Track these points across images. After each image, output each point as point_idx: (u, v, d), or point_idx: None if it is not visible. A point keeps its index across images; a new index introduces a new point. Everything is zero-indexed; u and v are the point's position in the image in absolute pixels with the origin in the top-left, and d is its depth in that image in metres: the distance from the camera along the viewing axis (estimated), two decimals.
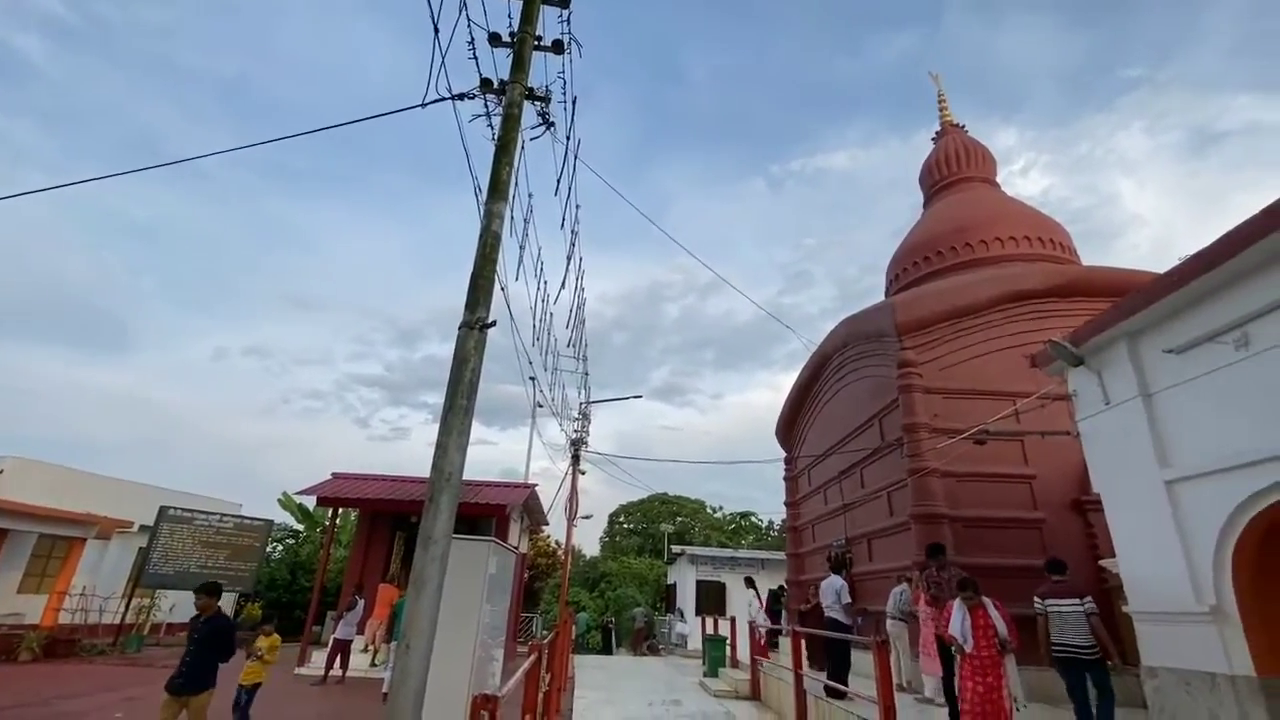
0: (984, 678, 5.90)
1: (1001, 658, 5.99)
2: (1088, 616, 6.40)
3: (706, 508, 48.81)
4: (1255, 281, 5.46)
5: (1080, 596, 6.53)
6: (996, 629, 6.05)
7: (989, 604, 6.21)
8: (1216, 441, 5.77)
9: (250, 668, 7.24)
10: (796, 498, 17.59)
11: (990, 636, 6.03)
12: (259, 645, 7.31)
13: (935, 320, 11.41)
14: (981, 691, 5.85)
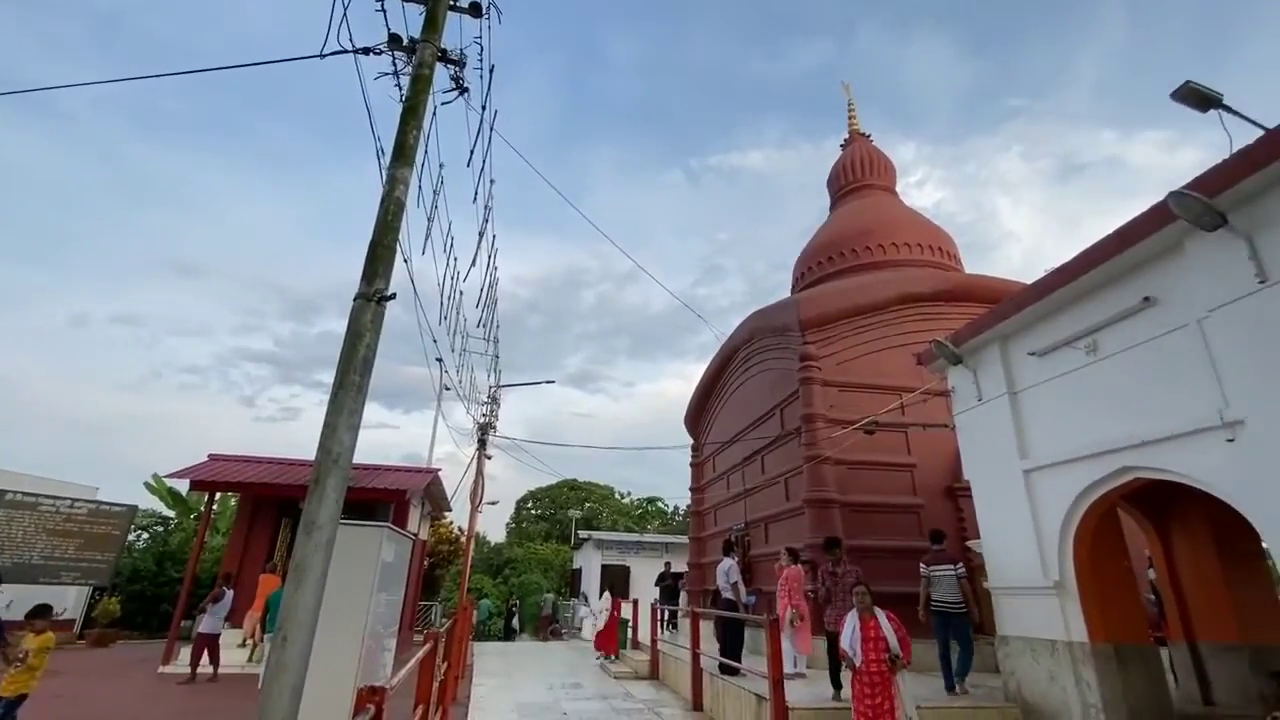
0: (872, 697, 5.38)
1: (892, 674, 5.41)
2: (959, 579, 7.45)
3: (615, 494, 49.30)
4: (1104, 295, 6.16)
5: (954, 563, 7.58)
6: (888, 642, 5.49)
7: (881, 615, 5.65)
8: (1066, 436, 6.48)
9: (12, 676, 5.75)
10: (701, 483, 18.10)
11: (880, 650, 5.48)
12: (24, 646, 5.86)
13: (836, 317, 12.04)
14: (869, 715, 5.35)
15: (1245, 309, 4.82)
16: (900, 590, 10.00)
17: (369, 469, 15.62)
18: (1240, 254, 4.84)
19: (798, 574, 8.68)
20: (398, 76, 4.84)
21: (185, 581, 12.68)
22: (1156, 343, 5.60)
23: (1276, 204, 4.67)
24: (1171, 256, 5.49)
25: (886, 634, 5.52)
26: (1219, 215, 4.84)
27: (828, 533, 10.18)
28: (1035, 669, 6.53)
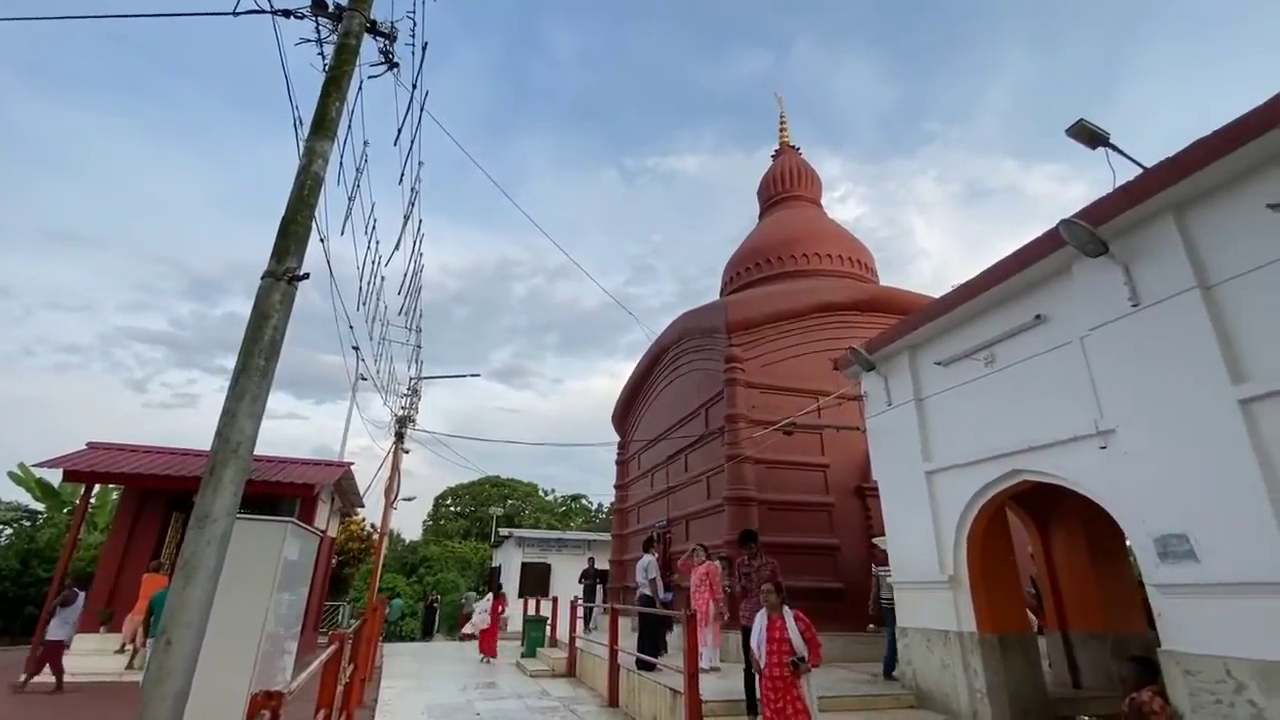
0: (776, 701, 5.05)
1: (796, 678, 5.02)
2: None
3: (539, 491, 48.71)
4: (1002, 312, 6.66)
5: (887, 564, 8.16)
6: (792, 644, 5.08)
7: (789, 615, 5.25)
8: (965, 440, 6.97)
9: None
10: (626, 481, 18.19)
11: (784, 653, 5.07)
12: None
13: (760, 322, 12.41)
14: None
15: (1120, 329, 5.34)
16: (813, 585, 10.47)
17: (274, 461, 14.64)
18: (1118, 279, 5.36)
19: (715, 570, 8.86)
20: (321, 45, 4.56)
21: (54, 582, 11.44)
22: (1045, 357, 6.12)
23: (1149, 236, 5.21)
24: (1060, 279, 6.01)
25: (791, 635, 5.11)
26: (1101, 243, 5.35)
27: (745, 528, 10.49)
28: (930, 658, 6.98)
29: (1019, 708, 6.25)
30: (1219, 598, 4.51)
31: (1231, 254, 4.69)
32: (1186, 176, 4.79)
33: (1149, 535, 4.96)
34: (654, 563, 9.70)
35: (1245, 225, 4.60)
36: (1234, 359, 4.56)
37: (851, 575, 10.69)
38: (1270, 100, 4.30)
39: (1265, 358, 4.40)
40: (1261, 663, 4.20)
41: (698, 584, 8.71)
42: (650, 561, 9.68)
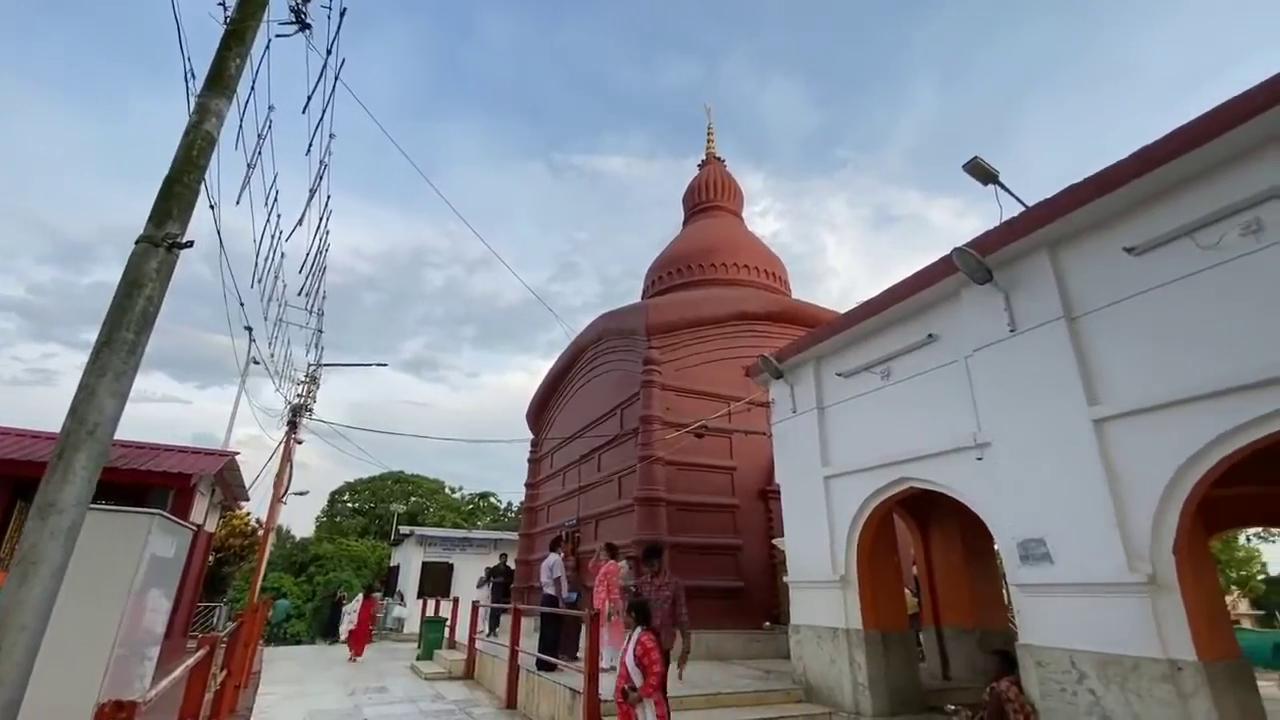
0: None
1: (626, 705, 4.72)
2: None
3: (446, 488, 47.08)
4: (899, 329, 7.13)
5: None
6: (629, 670, 4.73)
7: (633, 638, 4.88)
8: (860, 448, 7.39)
9: None
10: (537, 479, 17.94)
11: (623, 679, 4.80)
12: None
13: (679, 326, 12.64)
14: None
15: (999, 351, 5.86)
16: (716, 584, 10.76)
17: (146, 448, 13.25)
18: (999, 306, 5.88)
19: (615, 569, 8.87)
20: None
21: None
22: (934, 373, 6.60)
23: (1027, 268, 5.74)
24: (951, 302, 6.51)
25: (628, 661, 4.76)
26: (987, 272, 5.84)
27: (655, 529, 10.63)
28: (819, 654, 7.34)
29: (896, 698, 6.70)
30: (1068, 596, 5.03)
31: (1093, 289, 5.26)
32: (1059, 217, 5.33)
33: (1013, 539, 5.46)
34: (559, 562, 9.56)
35: (1106, 265, 5.17)
36: (1090, 383, 5.11)
37: (752, 574, 11.08)
38: (1130, 156, 4.86)
39: (1117, 384, 4.97)
40: (1100, 655, 4.72)
41: (598, 584, 8.69)
42: (555, 561, 9.56)
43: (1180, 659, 4.31)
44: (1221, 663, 4.33)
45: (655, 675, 4.68)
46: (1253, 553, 27.77)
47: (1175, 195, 4.76)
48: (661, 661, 4.90)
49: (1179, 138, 4.56)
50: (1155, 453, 4.61)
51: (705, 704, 6.82)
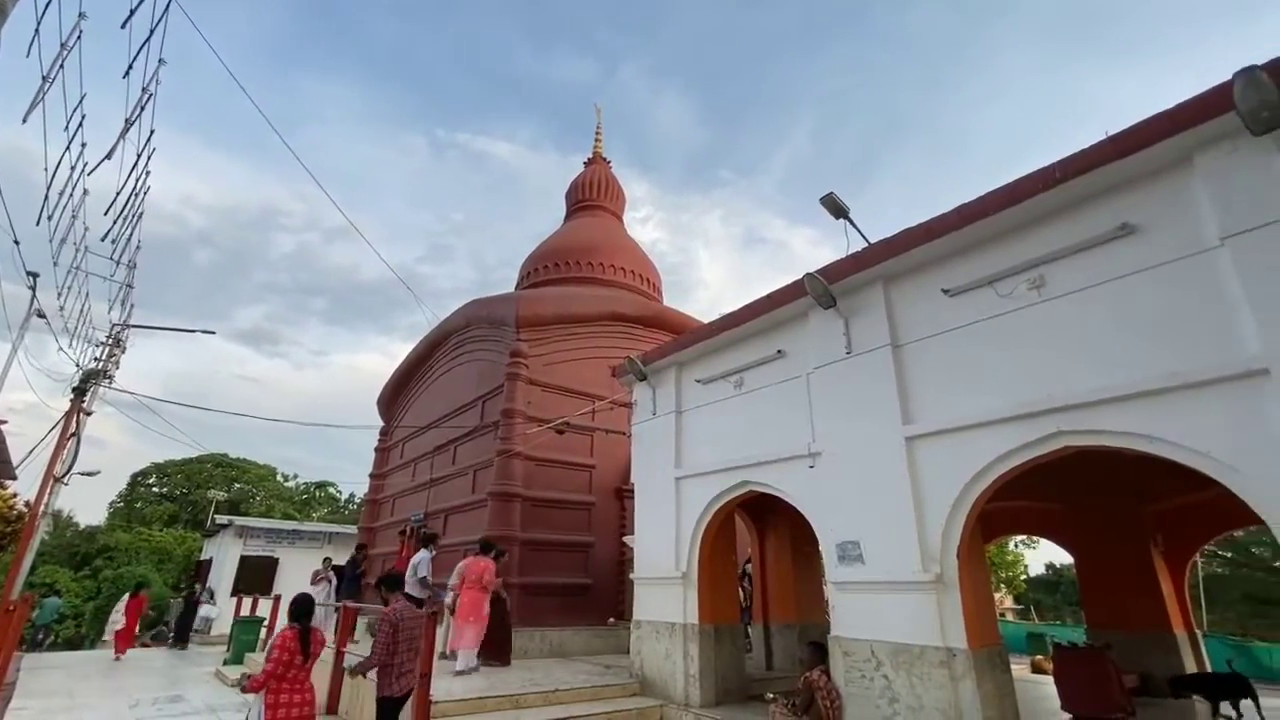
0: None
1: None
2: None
3: (277, 475, 42.68)
4: (753, 343, 7.60)
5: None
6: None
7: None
8: (709, 451, 7.79)
9: None
10: (385, 470, 16.86)
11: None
12: None
13: (550, 321, 12.51)
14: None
15: (835, 371, 6.46)
16: (565, 581, 10.77)
17: None
18: (840, 330, 6.48)
19: (489, 567, 8.48)
20: None
21: None
22: (780, 386, 7.13)
23: (864, 298, 6.39)
24: (800, 322, 7.07)
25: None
26: (832, 298, 6.41)
27: (508, 525, 10.42)
28: (656, 648, 7.62)
29: (722, 688, 7.13)
30: (873, 593, 5.65)
31: (916, 322, 5.97)
32: (893, 256, 6.00)
33: (833, 541, 6.04)
34: (428, 560, 8.95)
35: (928, 302, 5.90)
36: (907, 405, 5.80)
37: (601, 572, 11.24)
38: (951, 210, 5.59)
39: (926, 407, 5.68)
40: (894, 644, 5.36)
41: (469, 582, 8.29)
42: (425, 559, 8.97)
43: (955, 647, 5.02)
44: (985, 650, 5.10)
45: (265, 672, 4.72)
46: (1019, 556, 33.18)
47: (984, 248, 5.55)
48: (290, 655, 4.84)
49: (987, 201, 5.33)
50: (949, 469, 5.33)
51: (542, 701, 6.79)
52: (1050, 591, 33.03)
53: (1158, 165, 4.59)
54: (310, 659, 4.98)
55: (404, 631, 5.08)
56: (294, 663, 4.79)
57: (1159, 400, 4.29)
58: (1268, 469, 3.83)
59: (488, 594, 8.30)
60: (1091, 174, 4.76)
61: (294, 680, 4.88)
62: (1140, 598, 9.02)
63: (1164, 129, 4.41)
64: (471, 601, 8.09)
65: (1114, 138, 4.65)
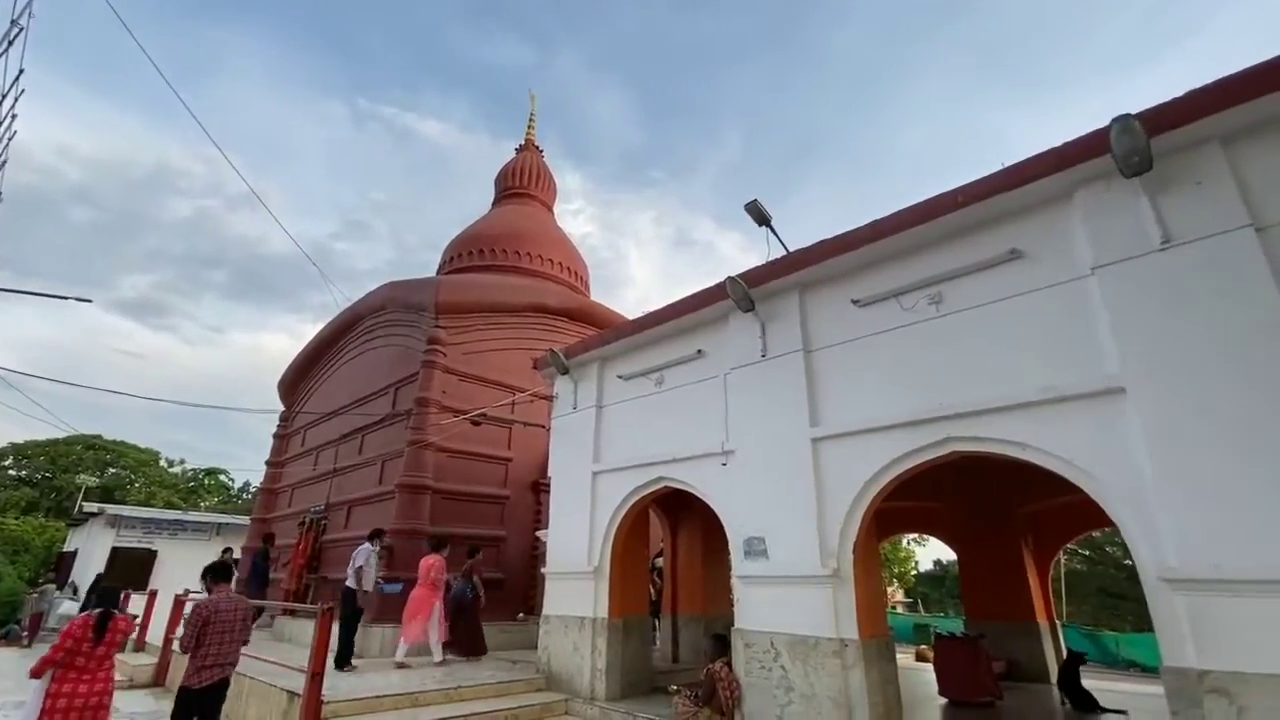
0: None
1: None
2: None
3: (160, 460, 39.14)
4: (675, 342, 7.71)
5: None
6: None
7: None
8: (627, 446, 7.84)
9: None
10: (284, 458, 15.83)
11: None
12: None
13: (471, 309, 12.16)
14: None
15: (750, 373, 6.66)
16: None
17: None
18: (757, 333, 6.69)
19: (434, 563, 8.52)
20: None
21: None
22: (698, 385, 7.27)
23: (781, 304, 6.62)
24: (720, 324, 7.24)
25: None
26: (751, 301, 6.60)
27: (417, 518, 10.06)
28: (564, 642, 7.59)
29: (628, 681, 7.21)
30: (775, 587, 5.88)
31: (827, 330, 6.26)
32: (810, 265, 6.26)
33: (741, 536, 6.24)
34: (371, 554, 8.53)
35: (838, 311, 6.19)
36: (815, 408, 6.06)
37: (513, 566, 11.06)
38: (863, 225, 5.89)
39: (831, 410, 5.96)
40: (792, 636, 5.59)
41: (421, 577, 8.41)
42: (367, 552, 8.51)
43: (847, 638, 5.30)
44: (874, 640, 5.42)
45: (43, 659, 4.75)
46: (910, 553, 35.61)
47: (891, 264, 5.89)
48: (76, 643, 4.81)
49: (896, 219, 5.66)
50: (850, 469, 5.63)
51: (443, 698, 6.62)
52: (937, 586, 35.60)
53: (1044, 197, 5.03)
54: (107, 646, 4.93)
55: (217, 624, 4.86)
56: (80, 650, 4.76)
57: (1034, 411, 4.71)
58: (1119, 476, 4.29)
59: (437, 590, 8.46)
60: (988, 201, 5.16)
61: (83, 669, 4.79)
62: (1011, 591, 9.89)
63: (1051, 165, 4.85)
64: (419, 598, 8.27)
65: (1008, 169, 5.06)
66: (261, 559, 12.12)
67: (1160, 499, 4.03)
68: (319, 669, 5.83)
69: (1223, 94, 4.20)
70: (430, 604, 8.33)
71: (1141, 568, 4.11)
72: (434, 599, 8.39)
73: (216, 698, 4.90)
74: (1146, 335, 4.30)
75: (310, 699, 5.71)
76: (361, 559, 8.37)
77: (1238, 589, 3.65)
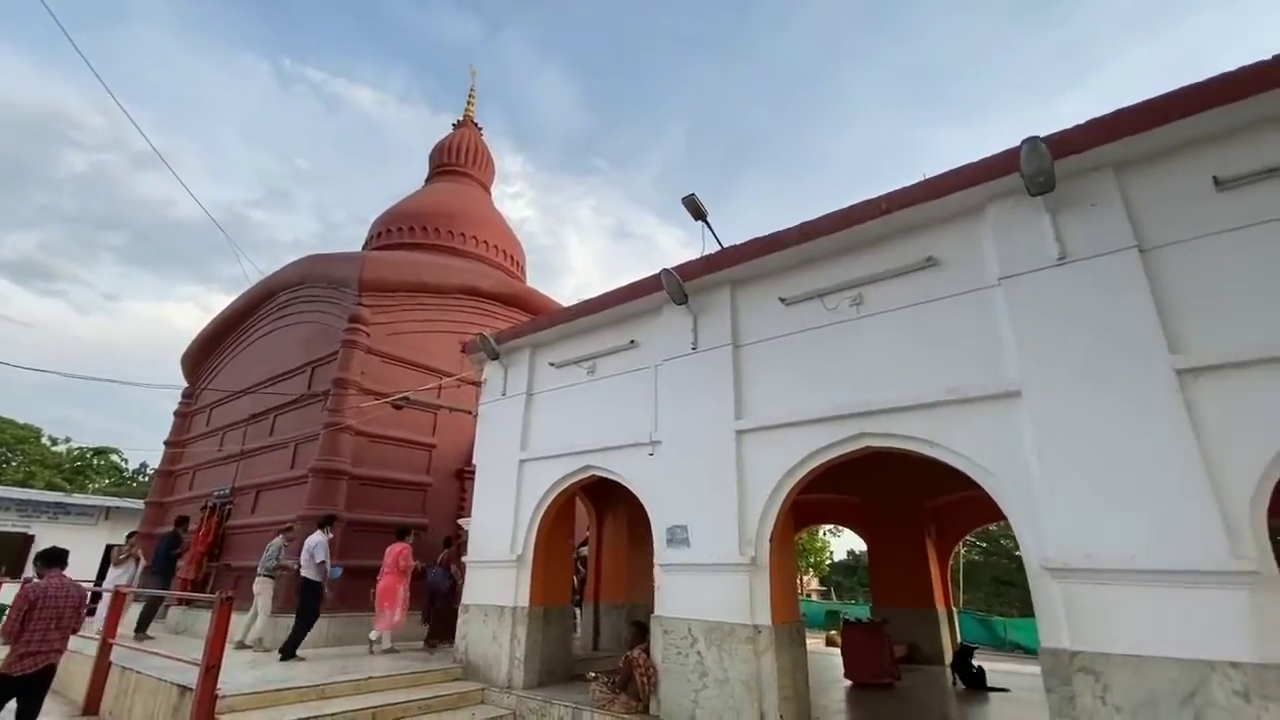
0: None
1: None
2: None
3: (42, 437, 35.65)
4: (608, 332, 7.70)
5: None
6: None
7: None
8: (556, 434, 7.78)
9: None
10: (185, 437, 14.74)
11: None
12: None
13: (399, 287, 11.68)
14: None
15: (681, 365, 6.73)
16: None
17: None
18: (689, 326, 6.77)
19: (401, 550, 8.66)
20: None
21: None
22: (630, 375, 7.29)
23: (714, 299, 6.72)
24: (654, 315, 7.27)
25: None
26: (684, 294, 6.67)
27: (331, 504, 9.61)
28: (484, 631, 7.48)
29: (546, 670, 7.19)
30: (695, 574, 5.99)
31: (755, 325, 6.40)
32: (742, 262, 6.38)
33: (664, 525, 6.32)
34: (324, 544, 8.15)
35: (767, 308, 6.34)
36: (740, 401, 6.20)
37: (434, 555, 10.76)
38: (792, 227, 6.05)
39: (755, 404, 6.12)
40: (708, 622, 5.72)
41: (388, 566, 8.54)
42: (320, 541, 8.14)
43: (761, 624, 5.48)
44: (786, 626, 5.63)
45: None
46: (826, 543, 37.29)
47: (818, 265, 6.09)
48: None
49: (824, 222, 5.85)
50: (770, 462, 5.80)
51: (352, 689, 6.37)
52: (850, 575, 37.48)
53: (960, 210, 5.33)
54: None
55: (45, 609, 4.71)
56: None
57: (941, 411, 5.00)
58: (1012, 474, 4.61)
59: (405, 577, 8.60)
60: (910, 209, 5.41)
61: None
62: (914, 580, 10.53)
63: (967, 179, 5.13)
64: (387, 586, 8.42)
65: (928, 181, 5.33)
66: (171, 545, 11.18)
67: (1045, 495, 4.37)
68: (214, 661, 5.47)
69: (1117, 124, 4.57)
70: (396, 592, 8.46)
71: (1027, 558, 4.46)
72: (400, 585, 8.52)
73: (39, 686, 4.70)
74: (1041, 344, 4.64)
75: (203, 693, 5.36)
76: (321, 553, 8.08)
77: (1105, 577, 4.02)
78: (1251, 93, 4.14)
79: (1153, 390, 4.12)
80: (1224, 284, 4.16)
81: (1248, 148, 4.29)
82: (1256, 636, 3.55)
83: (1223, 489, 3.81)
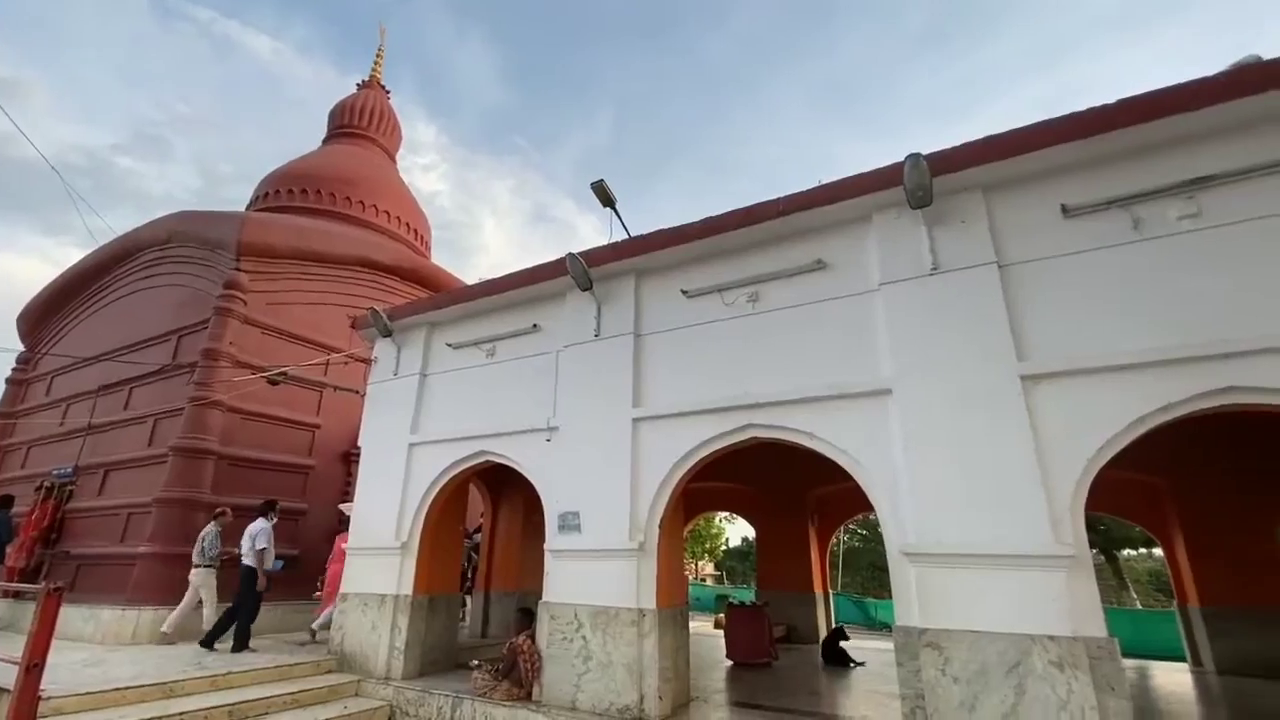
0: None
1: None
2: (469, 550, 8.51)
3: None
4: (511, 314, 7.52)
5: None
6: None
7: None
8: (448, 418, 7.53)
9: None
10: (20, 409, 12.94)
11: None
12: None
13: (284, 254, 10.81)
14: None
15: (582, 351, 6.70)
16: None
17: None
18: (592, 313, 6.74)
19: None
20: None
21: None
22: (531, 360, 7.16)
23: (617, 287, 6.72)
24: (558, 300, 7.18)
25: None
26: (589, 281, 6.62)
27: (192, 486, 8.79)
28: (362, 621, 7.13)
29: (428, 659, 6.98)
30: (585, 560, 6.01)
31: (657, 316, 6.47)
32: (647, 252, 6.43)
33: (557, 511, 6.29)
34: (267, 530, 7.74)
35: (669, 299, 6.43)
36: (639, 390, 6.26)
37: (312, 542, 10.12)
38: (700, 220, 6.17)
39: (652, 393, 6.20)
40: (594, 607, 5.76)
41: (338, 555, 8.28)
42: (263, 528, 7.72)
43: (645, 608, 5.59)
44: (670, 609, 5.78)
45: None
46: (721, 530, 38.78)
47: (719, 260, 6.24)
48: None
49: (726, 219, 6.00)
50: (662, 449, 5.91)
51: (207, 686, 5.87)
52: (742, 560, 39.15)
53: (849, 216, 5.63)
54: None
55: None
56: None
57: (821, 406, 5.29)
58: (880, 466, 4.96)
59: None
60: (805, 213, 5.66)
61: None
62: (796, 565, 11.16)
63: (857, 188, 5.43)
64: (336, 574, 8.16)
65: (822, 186, 5.59)
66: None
67: (907, 486, 4.74)
68: (37, 659, 4.85)
69: (986, 150, 5.00)
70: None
71: (889, 544, 4.82)
72: None
73: None
74: (911, 347, 5.02)
75: (24, 694, 4.75)
76: (264, 540, 7.65)
77: (951, 561, 4.43)
78: (1095, 131, 4.65)
79: (1001, 393, 4.57)
80: (1065, 300, 4.66)
81: (1092, 180, 4.83)
82: (1069, 613, 4.04)
83: (1051, 483, 4.29)
